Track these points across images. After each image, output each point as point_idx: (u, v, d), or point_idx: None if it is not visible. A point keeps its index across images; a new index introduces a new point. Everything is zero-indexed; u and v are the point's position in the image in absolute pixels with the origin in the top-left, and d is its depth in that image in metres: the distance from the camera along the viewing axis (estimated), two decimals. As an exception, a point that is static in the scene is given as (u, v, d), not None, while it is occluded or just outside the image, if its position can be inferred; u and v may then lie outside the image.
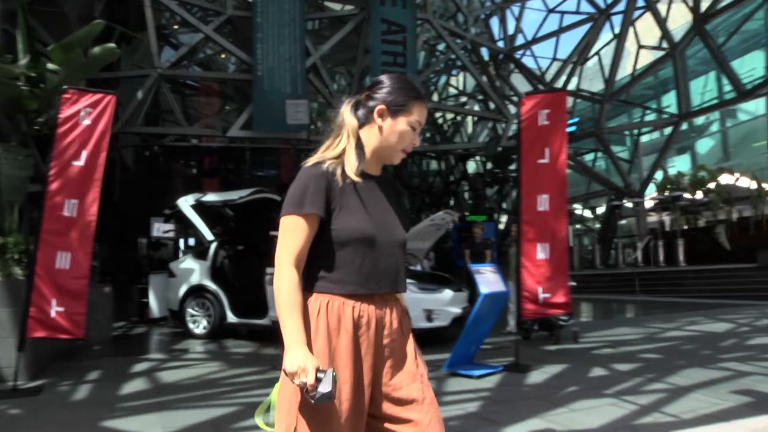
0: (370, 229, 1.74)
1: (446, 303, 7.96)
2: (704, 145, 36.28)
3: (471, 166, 27.24)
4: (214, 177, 24.29)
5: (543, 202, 6.45)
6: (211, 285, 9.50)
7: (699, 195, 19.71)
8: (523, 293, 6.42)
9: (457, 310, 7.68)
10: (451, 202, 26.55)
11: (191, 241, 12.65)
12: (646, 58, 21.27)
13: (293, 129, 15.73)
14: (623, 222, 26.39)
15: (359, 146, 1.80)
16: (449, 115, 27.38)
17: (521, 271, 6.45)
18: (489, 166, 23.09)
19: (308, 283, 1.74)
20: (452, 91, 29.00)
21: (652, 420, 4.37)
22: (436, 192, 27.69)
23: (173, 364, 7.25)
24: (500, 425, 4.29)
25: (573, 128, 22.76)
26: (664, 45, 19.41)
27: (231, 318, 9.28)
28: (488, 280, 6.36)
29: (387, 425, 1.77)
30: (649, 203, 20.90)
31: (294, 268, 1.69)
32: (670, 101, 23.02)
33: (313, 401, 1.56)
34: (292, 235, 1.70)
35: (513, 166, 18.80)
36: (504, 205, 24.25)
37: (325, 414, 1.63)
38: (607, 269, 20.02)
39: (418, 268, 9.17)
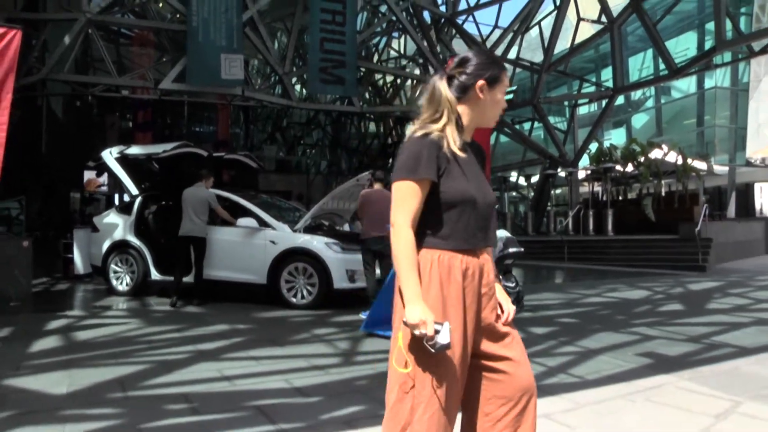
0: (472, 192, 1.95)
1: None
2: (639, 120, 37.43)
3: (409, 130, 27.20)
4: (148, 131, 23.52)
5: None
6: (134, 241, 9.23)
7: (630, 168, 20.31)
8: None
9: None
10: (389, 165, 26.58)
11: (127, 197, 12.28)
12: (587, 31, 21.51)
13: (228, 84, 15.27)
14: (558, 191, 27.05)
15: (458, 120, 2.00)
16: (389, 78, 27.15)
17: None
18: (427, 130, 23.03)
19: (418, 240, 1.92)
20: (393, 53, 28.74)
21: (556, 380, 4.52)
22: (373, 154, 27.69)
23: (91, 322, 7.05)
24: (408, 384, 4.33)
25: (510, 96, 22.97)
26: (603, 19, 19.65)
27: (155, 275, 9.07)
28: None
29: (485, 362, 2.00)
30: (582, 173, 21.40)
31: (410, 229, 1.90)
32: (609, 75, 23.46)
33: (433, 350, 1.77)
34: (407, 198, 1.90)
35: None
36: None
37: (437, 358, 1.83)
38: (539, 236, 20.49)
39: (346, 228, 9.13)
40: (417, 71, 23.64)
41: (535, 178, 24.14)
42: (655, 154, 20.12)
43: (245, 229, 8.42)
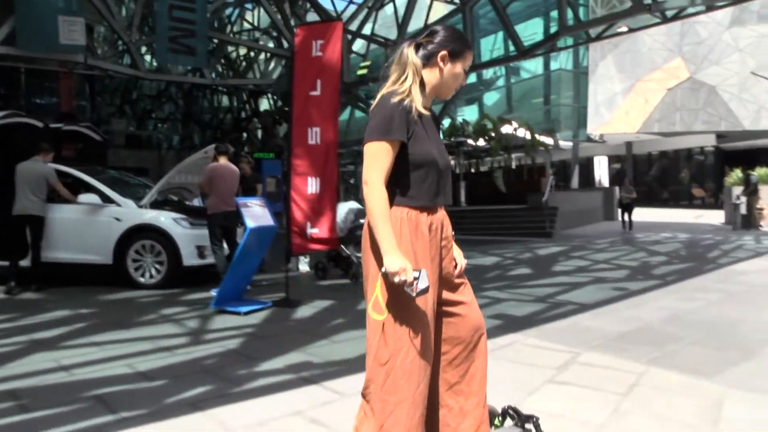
0: (436, 154, 2.11)
1: None
2: (491, 98, 39.32)
3: (263, 104, 26.50)
4: (-26, 101, 21.02)
5: (314, 136, 6.31)
6: (-46, 222, 8.17)
7: (482, 142, 21.14)
8: (292, 228, 6.31)
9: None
10: (243, 138, 25.89)
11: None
12: (441, 11, 21.93)
13: (67, 50, 13.85)
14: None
15: (422, 84, 2.13)
16: (242, 50, 26.22)
17: (291, 205, 6.31)
18: (280, 103, 22.68)
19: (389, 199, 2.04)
20: (246, 25, 27.81)
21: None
22: (227, 128, 26.82)
23: None
24: (258, 360, 4.18)
25: (364, 71, 23.07)
26: (456, 0, 20.09)
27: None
28: (255, 214, 6.11)
29: (444, 308, 2.21)
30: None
31: (383, 186, 2.00)
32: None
33: (413, 295, 1.92)
34: (380, 157, 2.02)
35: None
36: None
37: (412, 306, 2.00)
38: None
39: (196, 203, 8.70)
40: (271, 44, 22.97)
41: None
42: (506, 129, 21.07)
43: (87, 207, 7.76)
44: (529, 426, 2.63)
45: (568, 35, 18.59)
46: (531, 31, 31.79)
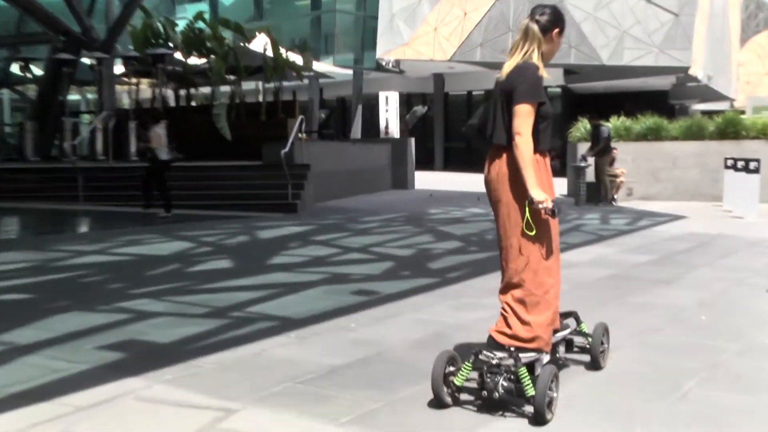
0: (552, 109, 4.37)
1: None
2: (231, -3, 38.69)
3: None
4: None
5: None
6: None
7: (200, 60, 20.33)
8: None
9: None
10: None
11: None
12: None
13: None
14: (90, 96, 26.15)
15: (542, 53, 4.16)
16: None
17: None
18: None
19: None
20: None
21: None
22: None
23: None
24: None
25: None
26: None
27: None
28: None
29: None
30: (120, 66, 20.77)
31: (531, 137, 3.94)
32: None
33: (553, 217, 4.04)
34: (531, 115, 3.93)
35: None
36: None
37: (550, 222, 4.13)
38: (46, 163, 19.21)
39: None
40: None
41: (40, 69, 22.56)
42: (237, 40, 20.47)
43: None
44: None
45: None
46: None
